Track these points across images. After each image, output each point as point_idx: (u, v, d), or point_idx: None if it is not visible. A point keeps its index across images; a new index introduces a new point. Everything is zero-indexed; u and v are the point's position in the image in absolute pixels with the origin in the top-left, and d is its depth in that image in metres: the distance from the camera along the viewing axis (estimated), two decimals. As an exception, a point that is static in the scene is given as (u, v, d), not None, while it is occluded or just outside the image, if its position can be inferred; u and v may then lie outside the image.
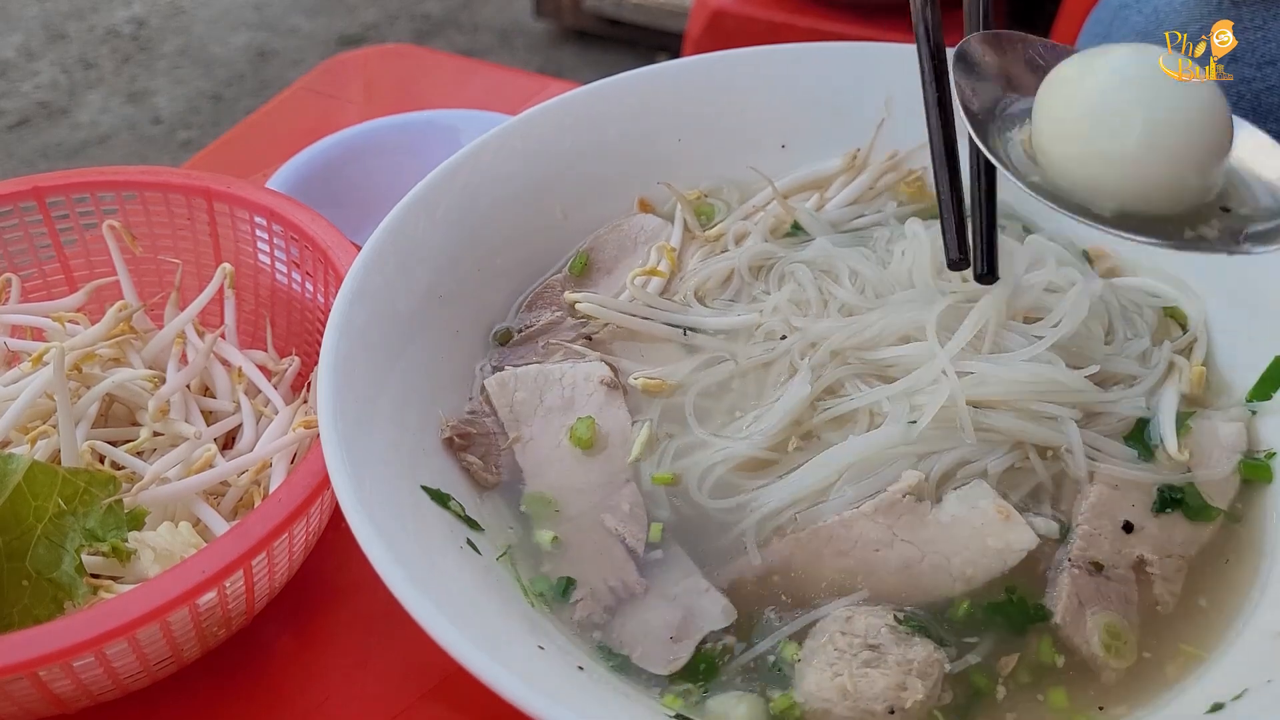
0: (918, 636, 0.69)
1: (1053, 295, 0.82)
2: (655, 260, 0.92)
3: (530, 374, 0.84)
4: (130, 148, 3.46)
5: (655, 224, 0.96)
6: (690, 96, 0.99)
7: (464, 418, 0.82)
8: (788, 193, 0.98)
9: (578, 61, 3.83)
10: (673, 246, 0.93)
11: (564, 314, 0.89)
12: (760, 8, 2.86)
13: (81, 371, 0.88)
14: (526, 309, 0.91)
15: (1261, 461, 0.79)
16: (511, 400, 0.82)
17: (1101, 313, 0.84)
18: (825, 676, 0.67)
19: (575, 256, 0.94)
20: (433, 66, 1.61)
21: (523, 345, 0.88)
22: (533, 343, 0.87)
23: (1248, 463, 0.78)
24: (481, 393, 0.84)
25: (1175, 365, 0.83)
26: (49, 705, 0.72)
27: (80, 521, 0.75)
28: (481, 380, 0.85)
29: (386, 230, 0.82)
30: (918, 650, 0.68)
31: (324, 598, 0.86)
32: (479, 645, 0.59)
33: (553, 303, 0.91)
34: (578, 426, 0.80)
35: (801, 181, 0.99)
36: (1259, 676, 0.65)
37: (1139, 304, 0.87)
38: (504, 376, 0.84)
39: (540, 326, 0.88)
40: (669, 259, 0.92)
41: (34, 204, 0.97)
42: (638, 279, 0.90)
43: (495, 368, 0.86)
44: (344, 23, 4.02)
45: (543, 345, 0.87)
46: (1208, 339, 0.86)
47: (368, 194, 1.14)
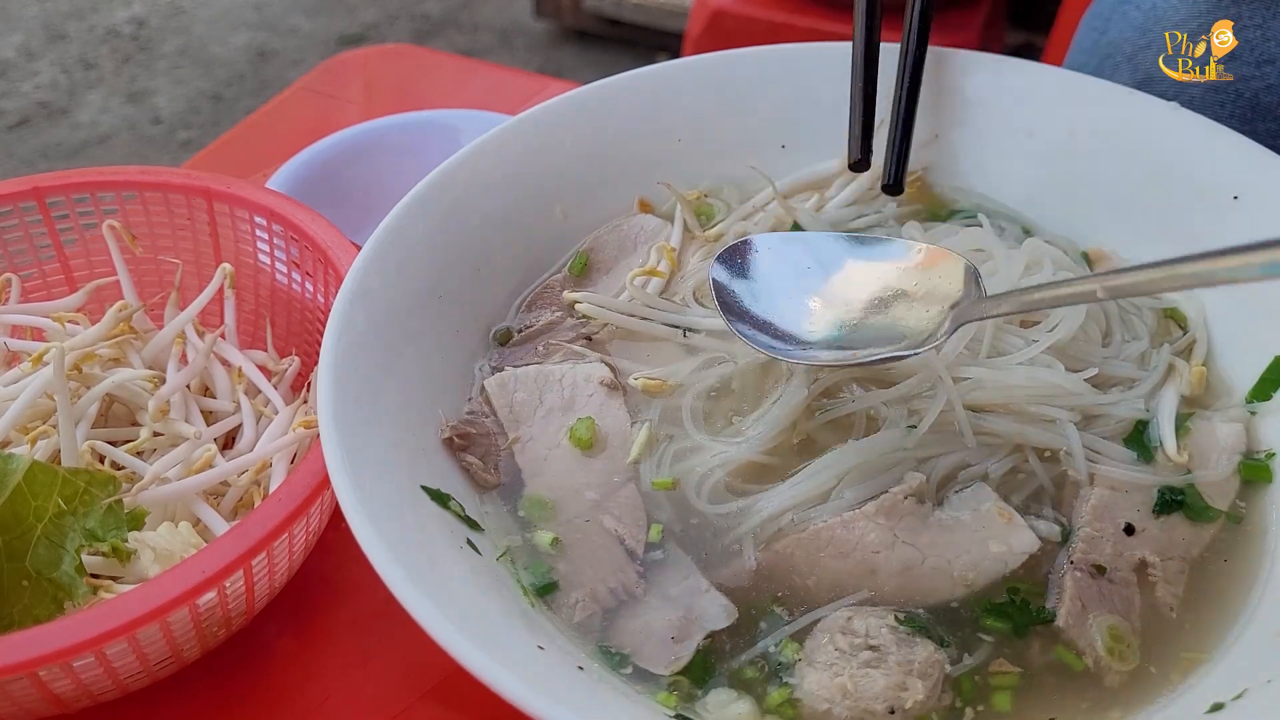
0: (919, 637, 0.69)
1: None
2: (655, 260, 0.92)
3: (530, 374, 0.84)
4: (130, 148, 3.47)
5: (655, 224, 0.96)
6: (690, 96, 0.98)
7: (464, 418, 0.82)
8: (787, 193, 0.98)
9: (578, 61, 3.83)
10: (672, 247, 0.93)
11: (564, 314, 0.89)
12: (760, 8, 2.87)
13: (81, 371, 0.88)
14: (526, 309, 0.91)
15: (1261, 462, 0.79)
16: (511, 401, 0.82)
17: (1099, 315, 0.84)
18: (826, 676, 0.67)
19: (575, 256, 0.94)
20: (433, 66, 1.61)
21: (522, 345, 0.88)
22: (532, 343, 0.87)
23: (1248, 463, 0.78)
24: (481, 393, 0.84)
25: (1175, 367, 0.83)
26: (49, 705, 0.72)
27: (80, 521, 0.75)
28: (481, 380, 0.85)
29: (386, 230, 0.82)
30: (919, 651, 0.68)
31: (324, 598, 0.86)
32: (479, 645, 0.59)
33: (552, 303, 0.91)
34: (577, 427, 0.80)
35: (802, 182, 0.99)
36: (1259, 676, 0.65)
37: (1138, 306, 0.87)
38: (504, 377, 0.83)
39: (540, 327, 0.88)
40: (669, 259, 0.92)
41: (34, 204, 0.97)
42: (637, 279, 0.90)
43: (495, 368, 0.85)
44: (344, 23, 4.02)
45: (542, 346, 0.87)
46: (1208, 339, 0.86)
47: (368, 194, 1.14)
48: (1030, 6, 3.24)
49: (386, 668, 0.82)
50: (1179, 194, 0.88)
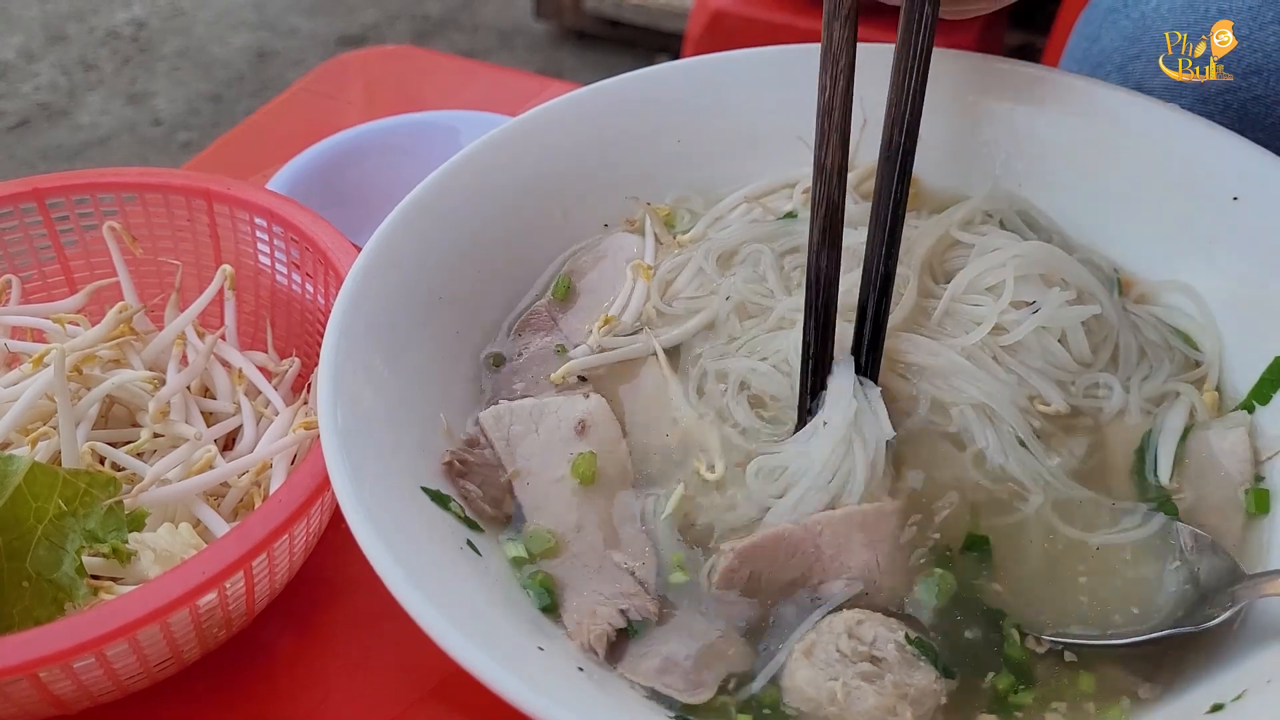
0: (924, 661, 0.67)
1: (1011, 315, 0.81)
2: (632, 279, 0.92)
3: (525, 408, 0.82)
4: (130, 149, 3.47)
5: (630, 240, 0.95)
6: (690, 96, 0.98)
7: (463, 446, 0.80)
8: (760, 195, 0.97)
9: (578, 62, 3.83)
10: (649, 264, 0.92)
11: (552, 339, 0.89)
12: (760, 8, 2.87)
13: (82, 373, 0.88)
14: (515, 335, 0.90)
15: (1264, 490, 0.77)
16: (508, 434, 0.81)
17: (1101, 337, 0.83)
18: (820, 675, 0.66)
19: (557, 281, 0.93)
20: (433, 67, 1.61)
21: (515, 376, 0.87)
22: (525, 374, 0.87)
23: (1256, 491, 0.77)
24: (477, 423, 0.83)
25: (1183, 394, 0.82)
26: (49, 706, 0.72)
27: (80, 523, 0.75)
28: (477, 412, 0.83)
29: (386, 231, 0.82)
30: (918, 677, 0.66)
31: (324, 598, 0.86)
32: (479, 645, 0.59)
33: (540, 327, 0.90)
34: (579, 462, 0.79)
35: (776, 184, 0.98)
36: (1259, 676, 0.65)
37: (1168, 341, 0.85)
38: (499, 411, 0.82)
39: (531, 356, 0.87)
40: (644, 276, 0.91)
41: (34, 205, 0.97)
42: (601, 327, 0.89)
43: (490, 400, 0.84)
44: (344, 23, 4.02)
45: (533, 377, 0.86)
46: (1220, 368, 0.84)
47: (368, 195, 1.14)
48: (1030, 7, 3.23)
49: (386, 668, 0.82)
50: (1178, 194, 0.87)
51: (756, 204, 0.97)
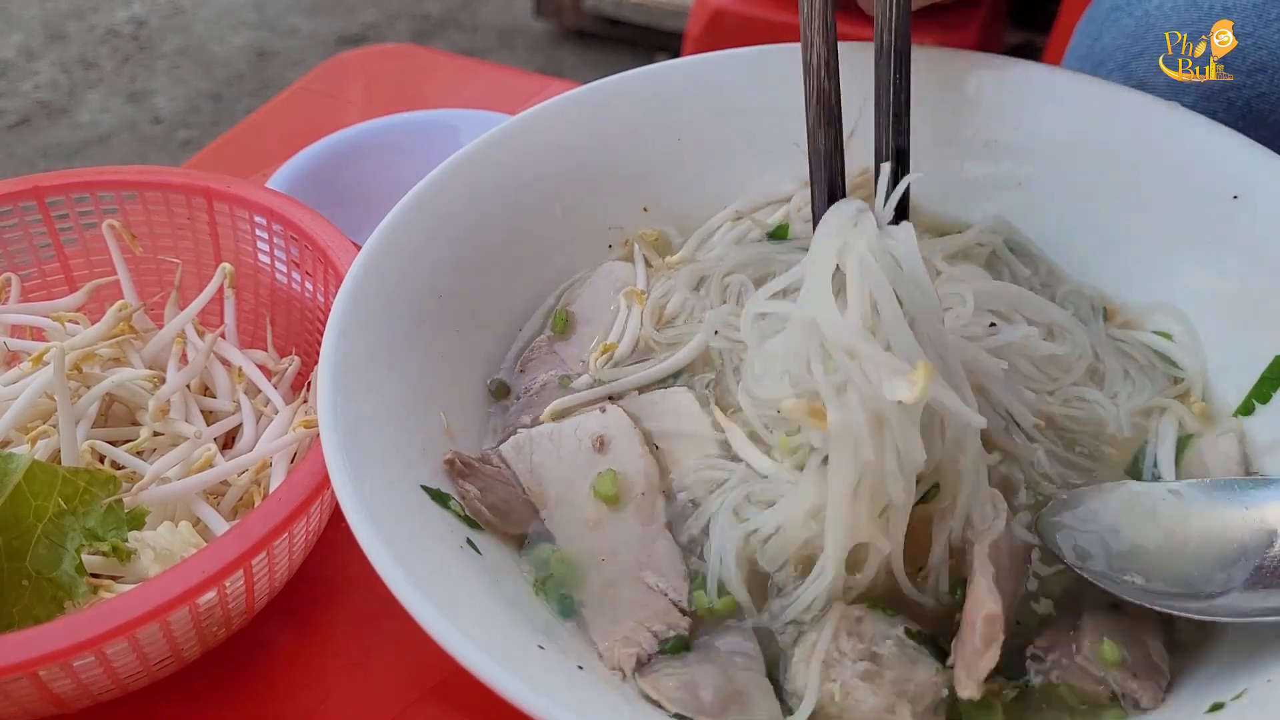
0: (924, 654, 0.67)
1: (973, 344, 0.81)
2: (626, 306, 0.92)
3: (544, 433, 0.82)
4: (130, 147, 3.47)
5: (622, 269, 0.95)
6: (691, 96, 0.98)
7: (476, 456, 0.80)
8: (745, 212, 0.97)
9: (578, 61, 3.83)
10: (641, 290, 0.92)
11: (556, 371, 0.88)
12: (760, 8, 2.86)
13: (81, 371, 0.88)
14: (520, 372, 0.89)
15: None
16: (530, 464, 0.80)
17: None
18: (816, 675, 0.66)
19: (555, 316, 0.92)
20: (433, 66, 1.60)
21: (524, 413, 0.86)
22: (534, 409, 0.86)
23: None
24: (495, 451, 0.82)
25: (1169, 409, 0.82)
26: (49, 705, 0.72)
27: (80, 521, 0.75)
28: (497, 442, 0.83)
29: (386, 230, 0.82)
30: (919, 672, 0.66)
31: (324, 597, 0.86)
32: (479, 645, 0.59)
33: (545, 363, 0.89)
34: (600, 482, 0.78)
35: (765, 198, 0.98)
36: (1259, 676, 0.65)
37: (1151, 363, 0.86)
38: (518, 441, 0.81)
39: (538, 392, 0.87)
40: (638, 302, 0.91)
41: (34, 204, 0.97)
42: (599, 357, 0.89)
43: (502, 437, 0.83)
44: (344, 23, 4.02)
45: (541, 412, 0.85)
46: (1204, 381, 0.84)
47: (368, 194, 1.14)
48: (1030, 6, 3.24)
49: (386, 668, 0.82)
50: (1178, 194, 0.87)
51: (746, 218, 0.97)
